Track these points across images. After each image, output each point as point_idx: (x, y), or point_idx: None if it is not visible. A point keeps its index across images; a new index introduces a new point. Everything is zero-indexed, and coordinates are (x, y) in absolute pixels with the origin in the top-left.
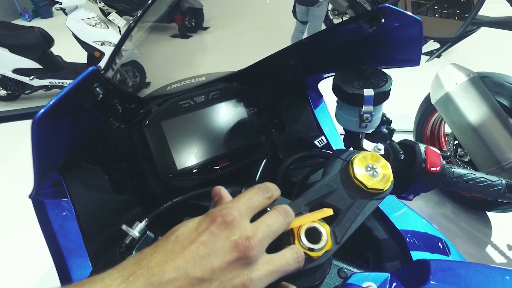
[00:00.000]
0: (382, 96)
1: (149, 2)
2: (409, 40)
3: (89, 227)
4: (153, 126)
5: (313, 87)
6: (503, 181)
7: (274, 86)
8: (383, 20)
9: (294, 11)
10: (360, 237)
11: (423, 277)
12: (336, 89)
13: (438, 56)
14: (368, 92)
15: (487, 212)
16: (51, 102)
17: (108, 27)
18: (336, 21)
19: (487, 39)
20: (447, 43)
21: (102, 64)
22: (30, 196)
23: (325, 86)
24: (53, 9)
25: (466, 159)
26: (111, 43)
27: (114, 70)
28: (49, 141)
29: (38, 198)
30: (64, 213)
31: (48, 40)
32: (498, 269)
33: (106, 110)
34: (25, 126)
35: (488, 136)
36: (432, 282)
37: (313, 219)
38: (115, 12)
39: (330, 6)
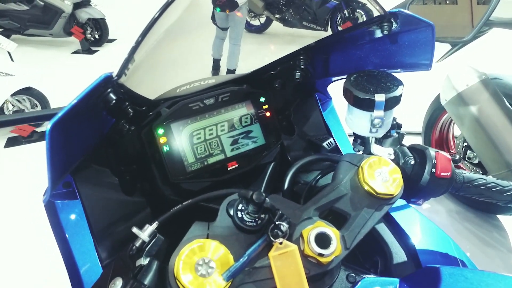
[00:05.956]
0: (393, 101)
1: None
2: (421, 44)
3: (99, 228)
4: (162, 128)
5: (322, 89)
6: None
7: (283, 89)
8: (395, 25)
9: (213, 18)
10: (368, 239)
11: (433, 284)
12: (346, 93)
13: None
14: (379, 97)
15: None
16: (65, 109)
17: None
18: (254, 22)
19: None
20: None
21: None
22: (44, 201)
23: (334, 87)
24: None
25: (475, 161)
26: (1, 72)
27: (126, 75)
28: (63, 146)
29: (49, 199)
30: (74, 214)
31: None
32: (511, 278)
33: (118, 114)
34: None
35: (499, 139)
36: None
37: None
38: (1, 33)
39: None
